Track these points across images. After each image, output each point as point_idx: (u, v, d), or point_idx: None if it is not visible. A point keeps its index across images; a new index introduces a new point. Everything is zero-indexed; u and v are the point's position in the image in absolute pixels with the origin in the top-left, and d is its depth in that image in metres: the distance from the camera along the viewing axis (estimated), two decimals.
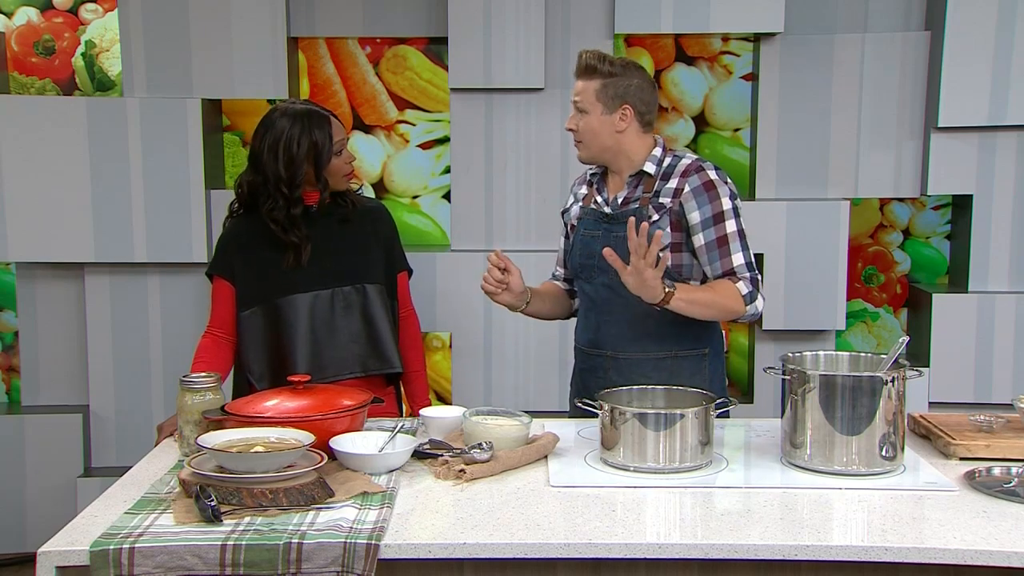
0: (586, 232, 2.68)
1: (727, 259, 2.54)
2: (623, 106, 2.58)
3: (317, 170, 2.67)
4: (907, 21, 3.96)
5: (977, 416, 2.45)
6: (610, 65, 2.58)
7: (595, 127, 2.60)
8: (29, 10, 4.15)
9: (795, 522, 1.90)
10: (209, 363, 2.68)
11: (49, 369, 4.06)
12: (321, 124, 2.68)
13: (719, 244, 2.54)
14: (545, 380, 3.88)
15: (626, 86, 2.58)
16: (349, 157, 2.77)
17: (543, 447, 2.29)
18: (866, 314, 4.27)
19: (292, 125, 2.66)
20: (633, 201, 2.61)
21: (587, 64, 2.59)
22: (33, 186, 3.81)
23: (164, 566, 1.74)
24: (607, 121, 2.59)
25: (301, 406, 2.22)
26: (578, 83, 2.62)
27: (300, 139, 2.65)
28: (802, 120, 3.91)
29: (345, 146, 2.76)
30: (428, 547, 1.80)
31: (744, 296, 2.51)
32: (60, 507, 3.85)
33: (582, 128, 2.62)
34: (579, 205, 2.74)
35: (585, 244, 2.67)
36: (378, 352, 2.74)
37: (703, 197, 2.54)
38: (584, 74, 2.61)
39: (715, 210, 2.54)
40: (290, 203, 2.66)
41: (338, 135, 2.72)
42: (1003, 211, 3.87)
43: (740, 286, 2.51)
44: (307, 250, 2.69)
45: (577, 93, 2.61)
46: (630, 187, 2.64)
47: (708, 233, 2.54)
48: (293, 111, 2.69)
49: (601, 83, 2.58)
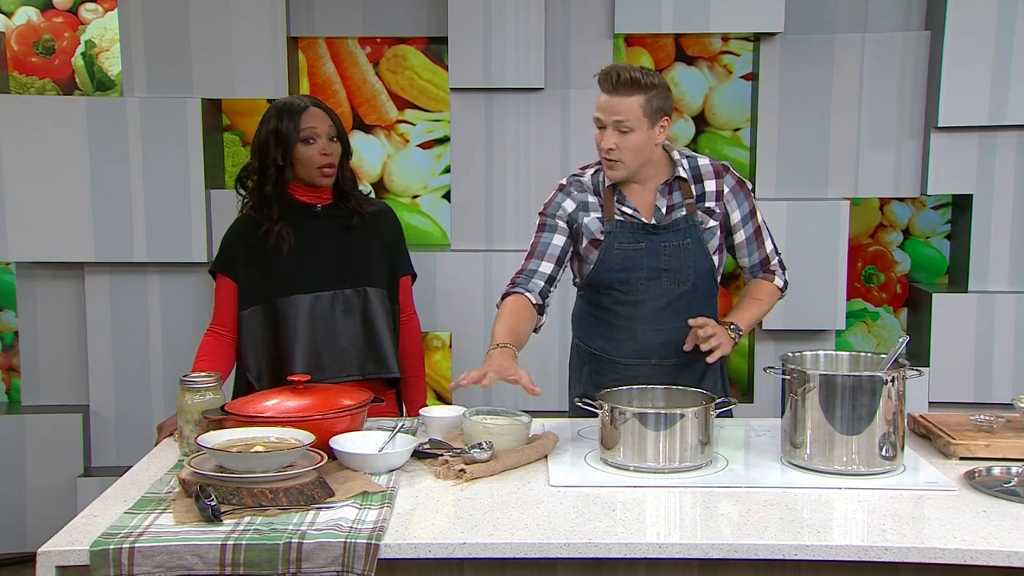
0: (624, 245, 2.58)
1: (762, 248, 2.71)
2: (664, 118, 2.52)
3: (283, 152, 2.69)
4: (907, 21, 3.96)
5: (977, 416, 2.45)
6: (651, 77, 2.47)
7: (640, 144, 2.49)
8: (29, 10, 4.15)
9: (795, 522, 1.90)
10: (211, 361, 2.68)
11: (49, 369, 4.05)
12: (292, 113, 2.70)
13: (756, 236, 2.69)
14: (545, 380, 3.86)
15: (664, 96, 2.51)
16: (325, 149, 2.70)
17: (543, 447, 2.29)
18: (866, 314, 4.27)
19: (267, 113, 2.74)
20: (677, 208, 2.59)
21: (630, 78, 2.44)
22: (33, 186, 3.81)
23: (164, 566, 1.74)
24: (650, 136, 2.50)
25: (301, 406, 2.22)
26: (613, 100, 2.46)
27: (269, 122, 2.70)
28: (802, 120, 3.91)
29: (321, 137, 2.69)
30: (428, 547, 1.80)
31: (780, 287, 2.73)
32: (60, 507, 3.85)
33: (624, 147, 2.48)
34: (597, 216, 2.60)
35: (626, 257, 2.58)
36: (376, 356, 2.74)
37: (740, 196, 2.66)
38: (624, 90, 2.45)
39: (750, 206, 2.68)
40: (261, 184, 2.71)
41: (309, 123, 2.68)
42: (1003, 211, 3.87)
43: (777, 280, 2.72)
44: (280, 233, 2.69)
45: (617, 112, 2.45)
46: (664, 195, 2.60)
47: (747, 229, 2.67)
48: (278, 102, 2.77)
49: (645, 98, 2.46)
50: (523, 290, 2.57)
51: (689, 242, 2.58)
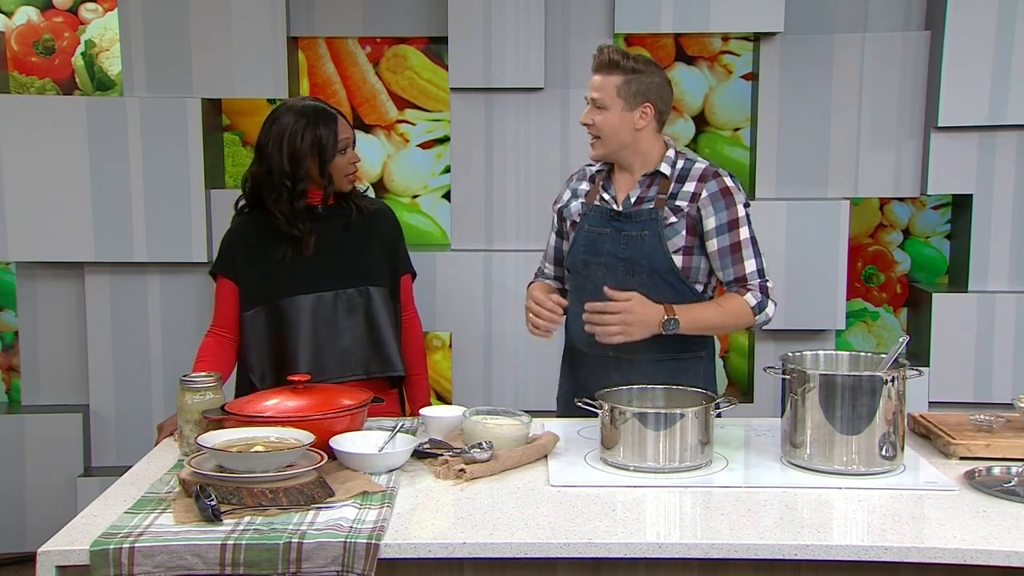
0: (591, 229, 2.65)
1: (739, 265, 2.58)
2: (644, 104, 2.57)
3: (321, 166, 2.68)
4: (907, 21, 3.96)
5: (977, 415, 2.45)
6: (633, 61, 2.56)
7: (615, 124, 2.57)
8: (29, 9, 4.15)
9: (795, 522, 1.90)
10: (211, 363, 2.67)
11: (49, 369, 4.06)
12: (327, 121, 2.69)
13: (732, 251, 2.57)
14: (545, 380, 3.87)
15: (648, 84, 2.57)
16: (353, 158, 2.76)
17: (543, 447, 2.29)
18: (866, 314, 4.27)
19: (297, 120, 2.67)
20: (647, 201, 2.60)
21: (609, 59, 2.56)
22: (33, 186, 3.81)
23: (164, 566, 1.74)
24: (627, 118, 2.57)
25: (301, 405, 2.22)
26: (596, 78, 2.58)
27: (304, 133, 2.66)
28: (802, 120, 3.91)
29: (350, 146, 2.75)
30: (428, 547, 1.80)
31: (753, 307, 2.56)
32: (60, 507, 3.85)
33: (600, 124, 2.59)
34: (581, 201, 2.70)
35: (590, 241, 2.64)
36: (380, 355, 2.74)
37: (720, 203, 2.57)
38: (605, 69, 2.57)
39: (730, 216, 2.57)
40: (293, 196, 2.67)
41: (343, 134, 2.72)
42: (1003, 211, 3.87)
43: (749, 298, 2.57)
44: (309, 245, 2.68)
45: (596, 89, 2.57)
46: (642, 186, 2.62)
47: (722, 239, 2.57)
48: (301, 106, 2.71)
49: (623, 79, 2.55)
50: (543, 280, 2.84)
51: (647, 234, 2.57)
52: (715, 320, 2.56)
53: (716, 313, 2.56)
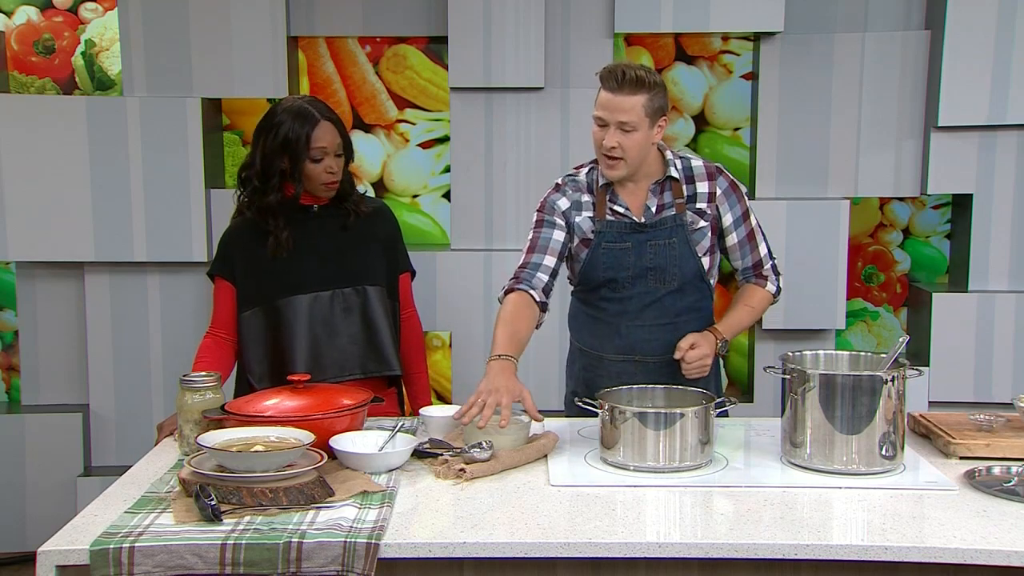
0: (610, 245, 2.58)
1: (755, 252, 2.68)
2: (662, 117, 2.52)
3: (292, 165, 2.66)
4: (907, 20, 3.96)
5: (977, 415, 2.45)
6: (651, 74, 2.46)
7: (642, 144, 2.49)
8: (29, 9, 4.15)
9: (795, 521, 1.90)
10: (210, 364, 2.67)
11: (49, 369, 4.06)
12: (304, 122, 2.65)
13: (748, 240, 2.67)
14: (545, 380, 3.88)
15: (663, 96, 2.51)
16: (331, 167, 2.68)
17: (543, 447, 2.29)
18: (866, 313, 4.27)
19: (279, 116, 2.67)
20: (667, 208, 2.59)
21: (636, 77, 2.42)
22: (33, 186, 3.81)
23: (164, 565, 1.74)
24: (649, 136, 2.50)
25: (301, 405, 2.22)
26: (619, 98, 2.44)
27: (279, 130, 2.65)
28: (802, 119, 3.91)
29: (330, 155, 2.67)
30: (428, 546, 1.80)
31: (773, 293, 2.71)
32: (60, 507, 3.85)
33: (628, 147, 2.47)
34: (588, 216, 2.61)
35: (613, 257, 2.58)
36: (377, 354, 2.74)
37: (732, 198, 2.64)
38: (630, 88, 2.43)
39: (742, 208, 2.65)
40: (265, 191, 2.67)
41: (321, 141, 2.65)
42: (1003, 210, 3.87)
43: (769, 287, 2.69)
44: (286, 240, 2.68)
45: (622, 111, 2.43)
46: (656, 194, 2.60)
47: (740, 232, 2.65)
48: (288, 105, 2.70)
49: (648, 97, 2.45)
50: (527, 287, 2.54)
51: (675, 242, 2.58)
52: (748, 321, 2.70)
53: (747, 314, 2.67)
